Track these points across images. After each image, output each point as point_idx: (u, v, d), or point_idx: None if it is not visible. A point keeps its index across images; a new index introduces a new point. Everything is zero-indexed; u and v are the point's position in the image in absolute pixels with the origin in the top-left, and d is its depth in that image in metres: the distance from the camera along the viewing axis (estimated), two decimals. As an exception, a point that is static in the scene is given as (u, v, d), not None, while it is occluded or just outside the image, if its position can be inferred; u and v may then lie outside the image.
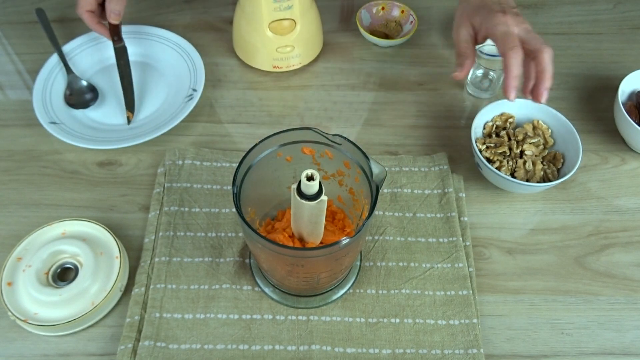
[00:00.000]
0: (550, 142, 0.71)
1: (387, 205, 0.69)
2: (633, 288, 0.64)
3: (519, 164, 0.69)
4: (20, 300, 0.59)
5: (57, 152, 0.74)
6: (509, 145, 0.70)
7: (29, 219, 0.68)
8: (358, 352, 0.59)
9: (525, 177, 0.68)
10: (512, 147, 0.70)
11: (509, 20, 0.62)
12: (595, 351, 0.60)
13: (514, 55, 0.61)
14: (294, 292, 0.62)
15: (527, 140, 0.70)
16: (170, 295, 0.62)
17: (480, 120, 0.72)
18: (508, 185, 0.68)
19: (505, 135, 0.71)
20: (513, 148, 0.70)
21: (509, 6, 0.64)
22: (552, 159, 0.70)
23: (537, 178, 0.68)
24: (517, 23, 0.63)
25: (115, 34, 0.80)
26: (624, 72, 0.75)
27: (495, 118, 0.73)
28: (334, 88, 0.83)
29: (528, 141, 0.70)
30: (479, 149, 0.70)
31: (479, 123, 0.72)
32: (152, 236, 0.66)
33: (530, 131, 0.72)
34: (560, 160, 0.70)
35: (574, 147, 0.69)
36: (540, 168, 0.69)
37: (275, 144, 0.55)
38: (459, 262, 0.64)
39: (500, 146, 0.70)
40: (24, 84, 0.83)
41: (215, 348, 0.58)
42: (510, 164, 0.69)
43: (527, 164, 0.69)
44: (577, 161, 0.67)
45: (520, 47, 0.62)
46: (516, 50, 0.61)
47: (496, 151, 0.69)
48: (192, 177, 0.70)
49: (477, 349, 0.58)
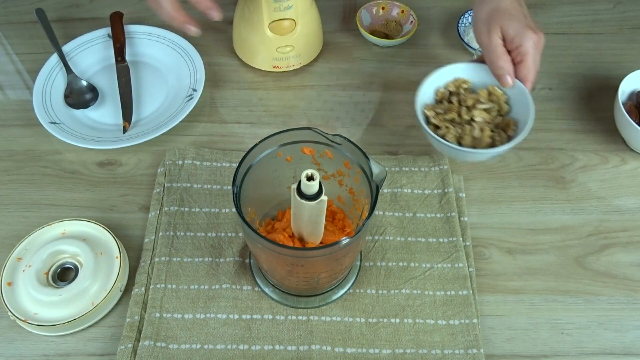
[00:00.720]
0: (505, 108, 0.67)
1: (387, 205, 0.69)
2: (633, 288, 0.64)
3: (467, 130, 0.65)
4: (20, 300, 0.59)
5: (57, 152, 0.74)
6: (458, 112, 0.66)
7: (29, 219, 0.68)
8: (358, 352, 0.59)
9: (472, 144, 0.64)
10: (461, 114, 0.66)
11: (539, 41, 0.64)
12: (595, 351, 0.60)
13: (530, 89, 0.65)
14: (294, 292, 0.62)
15: (477, 106, 0.65)
16: (170, 295, 0.62)
17: (429, 87, 0.67)
18: (453, 153, 0.64)
19: (456, 102, 0.67)
20: (462, 114, 0.65)
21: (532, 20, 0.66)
22: (504, 127, 0.66)
23: (484, 145, 0.64)
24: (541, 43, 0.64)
25: (120, 54, 0.81)
26: (624, 72, 0.75)
27: (449, 84, 0.68)
28: (334, 88, 0.83)
29: (479, 107, 0.65)
30: (425, 115, 0.66)
31: (427, 90, 0.67)
32: (152, 236, 0.66)
33: (484, 97, 0.66)
34: (513, 128, 0.66)
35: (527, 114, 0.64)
36: (489, 135, 0.64)
37: (275, 144, 0.55)
38: (459, 262, 0.64)
39: (448, 112, 0.65)
40: (24, 84, 0.83)
41: (215, 348, 0.58)
42: (458, 131, 0.65)
43: (475, 130, 0.64)
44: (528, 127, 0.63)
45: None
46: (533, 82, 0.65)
47: (444, 117, 0.65)
48: (192, 177, 0.70)
49: (477, 349, 0.58)
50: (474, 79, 0.68)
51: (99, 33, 0.85)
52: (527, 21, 0.65)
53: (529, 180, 0.73)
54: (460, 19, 0.87)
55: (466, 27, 0.87)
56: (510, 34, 0.64)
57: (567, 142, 0.77)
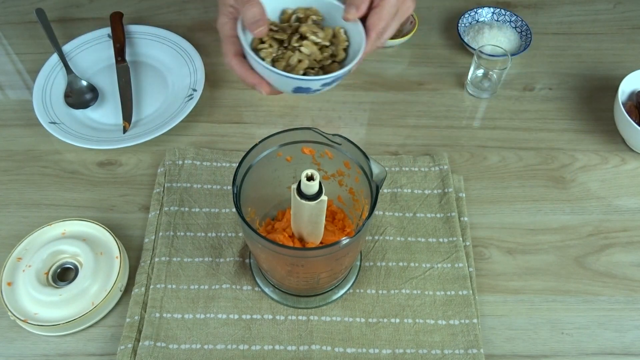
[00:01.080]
0: (341, 55, 0.59)
1: (387, 205, 0.69)
2: (633, 288, 0.64)
3: (286, 55, 0.57)
4: (20, 300, 0.59)
5: (57, 152, 0.74)
6: (289, 36, 0.57)
7: (29, 219, 0.68)
8: (358, 352, 0.59)
9: (283, 70, 0.56)
10: (291, 40, 0.57)
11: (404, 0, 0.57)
12: (595, 351, 0.60)
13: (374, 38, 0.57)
14: (294, 292, 0.62)
15: (310, 37, 0.57)
16: (170, 295, 0.62)
17: (278, 2, 0.59)
18: (259, 69, 0.55)
19: (295, 28, 0.58)
20: (292, 40, 0.57)
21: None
22: (328, 70, 0.59)
23: (296, 72, 0.56)
24: (410, 3, 0.58)
25: (120, 54, 0.81)
26: (624, 72, 0.75)
27: (299, 9, 0.59)
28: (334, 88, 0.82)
29: (311, 38, 0.57)
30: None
31: (276, 5, 0.59)
32: (152, 236, 0.66)
33: (324, 35, 0.58)
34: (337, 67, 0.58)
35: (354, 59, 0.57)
36: (303, 67, 0.57)
37: (275, 144, 0.55)
38: (459, 262, 0.64)
39: (280, 32, 0.57)
40: (24, 84, 0.83)
41: (215, 348, 0.58)
42: (277, 52, 0.57)
43: (293, 58, 0.56)
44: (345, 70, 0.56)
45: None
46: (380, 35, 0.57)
47: (272, 35, 0.57)
48: (192, 177, 0.70)
49: (477, 349, 0.58)
50: (329, 16, 0.60)
51: (99, 33, 0.85)
52: None
53: (529, 180, 0.73)
54: (460, 19, 0.87)
55: (466, 27, 0.87)
56: None
57: (567, 142, 0.77)
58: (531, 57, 0.86)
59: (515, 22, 0.87)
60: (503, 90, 0.82)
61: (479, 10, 0.88)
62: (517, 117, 0.79)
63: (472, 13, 0.88)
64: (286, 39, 0.58)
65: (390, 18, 0.57)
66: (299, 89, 0.56)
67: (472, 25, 0.87)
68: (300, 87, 0.56)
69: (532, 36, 0.84)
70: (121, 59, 0.81)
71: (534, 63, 0.86)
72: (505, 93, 0.82)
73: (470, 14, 0.88)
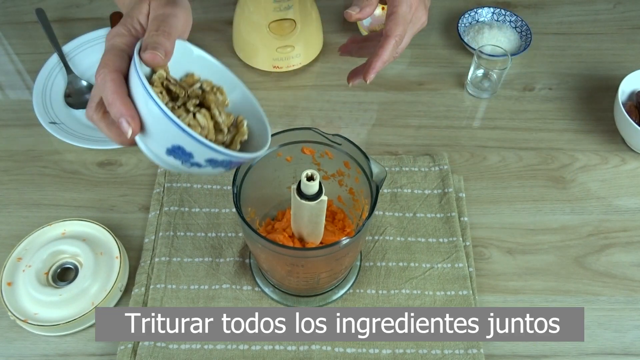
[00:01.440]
0: (234, 147, 0.48)
1: (387, 205, 0.69)
2: (633, 288, 0.64)
3: (176, 112, 0.46)
4: (20, 301, 0.59)
5: (57, 152, 0.74)
6: (185, 97, 0.47)
7: (29, 219, 0.68)
8: (358, 352, 0.59)
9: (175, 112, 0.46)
10: (186, 102, 0.47)
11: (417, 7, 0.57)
12: (595, 351, 0.60)
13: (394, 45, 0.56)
14: (294, 292, 0.62)
15: (213, 110, 0.47)
16: (170, 295, 0.62)
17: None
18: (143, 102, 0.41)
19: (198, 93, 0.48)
20: (188, 103, 0.46)
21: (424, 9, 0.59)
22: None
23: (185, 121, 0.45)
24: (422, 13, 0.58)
25: None
26: (624, 72, 0.75)
27: (207, 82, 0.49)
28: (334, 88, 0.83)
29: (213, 112, 0.47)
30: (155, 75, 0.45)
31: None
32: (152, 236, 0.66)
33: (225, 118, 0.47)
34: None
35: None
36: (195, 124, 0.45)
37: (275, 144, 0.55)
38: (459, 262, 0.64)
39: (176, 85, 0.46)
40: (24, 84, 0.83)
41: (215, 348, 0.58)
42: (167, 104, 0.45)
43: (184, 118, 0.45)
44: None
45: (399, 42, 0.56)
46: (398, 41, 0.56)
47: (167, 84, 0.46)
48: (192, 177, 0.70)
49: (477, 349, 0.58)
50: (236, 104, 0.50)
51: (99, 33, 0.85)
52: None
53: (529, 180, 0.73)
54: (460, 19, 0.87)
55: (466, 27, 0.87)
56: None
57: (567, 142, 0.77)
58: (531, 57, 0.86)
59: (515, 22, 0.87)
60: (503, 90, 0.82)
61: (479, 10, 0.88)
62: (517, 117, 0.80)
63: (472, 13, 0.88)
64: (181, 97, 0.47)
65: (407, 24, 0.56)
66: (178, 150, 0.42)
67: (472, 25, 0.88)
68: (183, 148, 0.42)
69: (532, 36, 0.85)
70: None
71: (534, 63, 0.86)
72: (505, 93, 0.82)
73: (470, 14, 0.88)
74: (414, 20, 0.58)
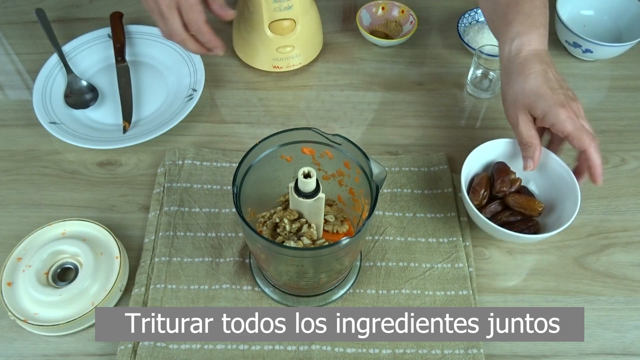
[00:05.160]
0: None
1: (387, 205, 0.69)
2: (633, 288, 0.64)
3: (280, 225, 0.57)
4: (20, 301, 0.59)
5: (57, 152, 0.74)
6: (285, 223, 0.56)
7: (29, 219, 0.68)
8: (358, 352, 0.59)
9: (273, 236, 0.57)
10: (286, 225, 0.56)
11: (573, 114, 0.60)
12: (595, 351, 0.60)
13: (595, 148, 0.61)
14: (294, 292, 0.62)
15: (302, 234, 0.56)
16: (170, 295, 0.62)
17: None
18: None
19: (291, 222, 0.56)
20: (287, 226, 0.56)
21: (564, 89, 0.62)
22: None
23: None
24: (580, 114, 0.61)
25: (120, 54, 0.81)
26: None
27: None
28: (334, 88, 0.83)
29: (303, 237, 0.56)
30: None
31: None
32: (152, 236, 0.66)
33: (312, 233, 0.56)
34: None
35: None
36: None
37: (276, 144, 0.55)
38: (459, 262, 0.64)
39: (284, 212, 0.57)
40: (24, 84, 0.83)
41: (215, 348, 0.58)
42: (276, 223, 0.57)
43: (281, 232, 0.57)
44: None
45: (596, 138, 0.61)
46: (595, 144, 0.61)
47: (280, 213, 0.57)
48: (192, 177, 0.70)
49: (477, 349, 0.58)
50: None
51: (99, 33, 0.85)
52: (556, 96, 0.61)
53: (529, 180, 0.73)
54: (460, 19, 0.87)
55: (466, 27, 0.87)
56: (538, 115, 0.61)
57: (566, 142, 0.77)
58: (531, 57, 0.86)
59: (515, 22, 0.87)
60: (503, 90, 0.82)
61: (479, 10, 0.88)
62: (517, 117, 0.79)
63: (472, 13, 0.88)
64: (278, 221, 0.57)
65: (576, 121, 0.60)
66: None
67: (472, 25, 0.88)
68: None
69: (532, 36, 0.84)
70: (121, 59, 0.81)
71: (534, 63, 0.86)
72: (505, 93, 0.82)
73: (470, 14, 0.88)
74: (574, 108, 0.61)
